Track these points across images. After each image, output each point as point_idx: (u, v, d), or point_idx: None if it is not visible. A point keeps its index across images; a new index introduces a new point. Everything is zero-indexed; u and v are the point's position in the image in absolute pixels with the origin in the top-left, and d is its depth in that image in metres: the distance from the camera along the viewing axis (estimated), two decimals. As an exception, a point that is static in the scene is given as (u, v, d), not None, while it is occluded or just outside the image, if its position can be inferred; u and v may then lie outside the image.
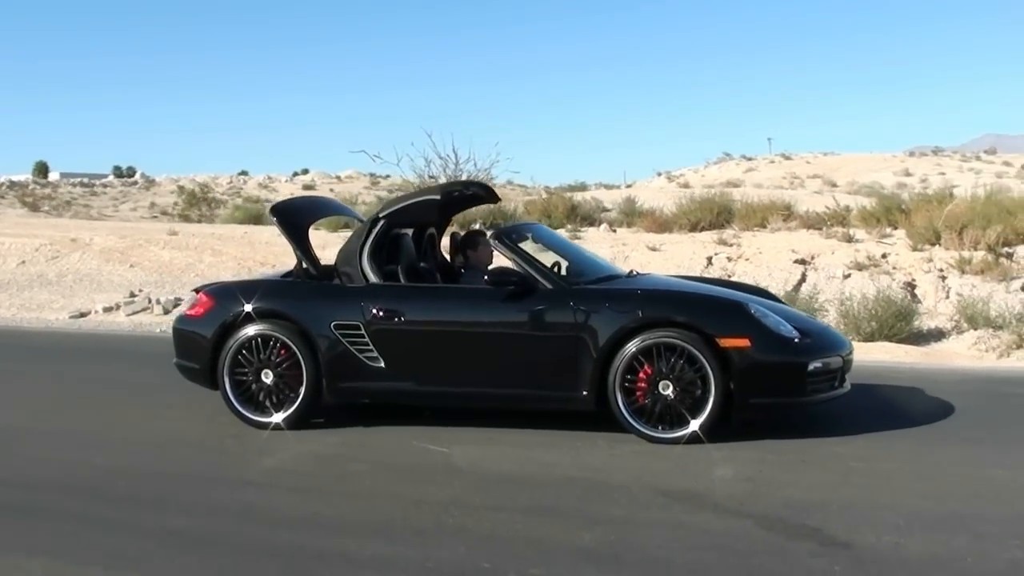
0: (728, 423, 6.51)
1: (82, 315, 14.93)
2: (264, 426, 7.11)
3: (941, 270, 14.00)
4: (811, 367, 6.55)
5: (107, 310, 15.20)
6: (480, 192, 8.29)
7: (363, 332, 7.00)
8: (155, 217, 42.74)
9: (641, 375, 6.54)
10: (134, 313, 15.03)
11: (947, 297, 13.17)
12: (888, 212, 17.11)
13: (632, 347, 6.54)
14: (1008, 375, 9.21)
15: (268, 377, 7.13)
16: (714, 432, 6.46)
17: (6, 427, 7.62)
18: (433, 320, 7.01)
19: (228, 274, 17.37)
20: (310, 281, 7.39)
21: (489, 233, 7.29)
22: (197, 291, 7.78)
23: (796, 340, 6.63)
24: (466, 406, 7.18)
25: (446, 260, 8.25)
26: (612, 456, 6.34)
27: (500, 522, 5.11)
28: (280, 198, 43.75)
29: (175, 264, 17.92)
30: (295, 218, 7.77)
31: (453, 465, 6.23)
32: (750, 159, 77.02)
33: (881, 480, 5.74)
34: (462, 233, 8.51)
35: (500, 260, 8.24)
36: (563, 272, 7.22)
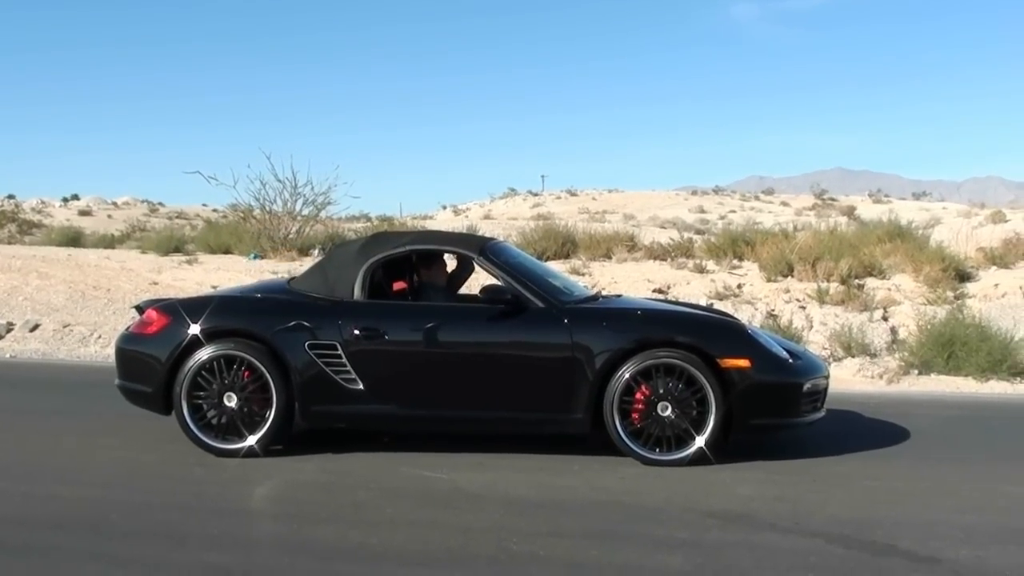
0: (723, 445, 6.47)
1: (-97, 341, 13.57)
2: (230, 453, 6.57)
3: (799, 300, 14.56)
4: (805, 387, 6.61)
5: (-70, 335, 13.88)
6: None
7: (340, 352, 6.58)
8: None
9: (638, 396, 6.43)
10: (-39, 337, 13.80)
11: (811, 327, 13.68)
12: (734, 244, 17.64)
13: (630, 368, 6.42)
14: (924, 398, 9.62)
15: (232, 400, 6.61)
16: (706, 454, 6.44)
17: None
18: (419, 340, 6.64)
19: (61, 298, 16.20)
20: (277, 297, 6.91)
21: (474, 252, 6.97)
22: (140, 308, 7.13)
23: (790, 361, 6.67)
24: (451, 431, 6.87)
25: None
26: (622, 479, 6.19)
27: (569, 548, 4.88)
28: (56, 223, 40.80)
29: (-3, 287, 16.56)
30: None
31: (466, 491, 5.92)
32: (536, 194, 78.31)
33: (907, 497, 5.86)
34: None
35: (457, 279, 7.97)
36: None
